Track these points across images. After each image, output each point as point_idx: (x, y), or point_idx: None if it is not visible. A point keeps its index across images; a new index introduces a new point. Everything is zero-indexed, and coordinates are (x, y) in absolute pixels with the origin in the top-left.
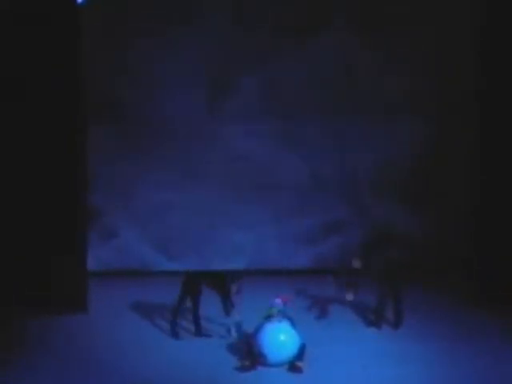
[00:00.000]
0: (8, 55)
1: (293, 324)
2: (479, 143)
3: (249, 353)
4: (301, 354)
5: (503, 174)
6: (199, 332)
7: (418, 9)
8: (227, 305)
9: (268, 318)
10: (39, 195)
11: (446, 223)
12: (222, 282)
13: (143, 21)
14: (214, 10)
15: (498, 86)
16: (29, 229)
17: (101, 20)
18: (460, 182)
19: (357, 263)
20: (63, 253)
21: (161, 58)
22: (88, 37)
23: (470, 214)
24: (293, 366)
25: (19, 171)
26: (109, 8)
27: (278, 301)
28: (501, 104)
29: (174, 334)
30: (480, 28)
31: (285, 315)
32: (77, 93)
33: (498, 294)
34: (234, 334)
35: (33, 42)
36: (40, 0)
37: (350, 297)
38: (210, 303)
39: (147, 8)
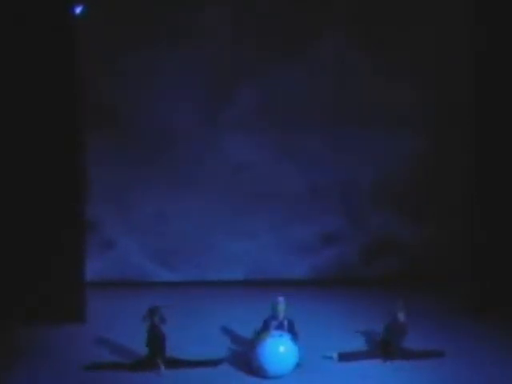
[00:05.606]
0: (6, 57)
1: (294, 336)
2: (476, 155)
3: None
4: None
5: (500, 186)
6: None
7: (418, 21)
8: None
9: (266, 334)
10: (37, 206)
11: (445, 233)
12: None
13: (143, 31)
14: (214, 21)
15: (496, 99)
16: (27, 240)
17: (101, 23)
18: (458, 193)
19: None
20: (62, 263)
21: (161, 70)
22: (86, 42)
23: (468, 223)
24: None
25: (17, 181)
26: (107, 16)
27: (281, 299)
28: (498, 117)
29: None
30: (478, 40)
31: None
32: (74, 107)
33: (497, 301)
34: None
35: (31, 45)
36: (38, 3)
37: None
38: None
39: (147, 19)
